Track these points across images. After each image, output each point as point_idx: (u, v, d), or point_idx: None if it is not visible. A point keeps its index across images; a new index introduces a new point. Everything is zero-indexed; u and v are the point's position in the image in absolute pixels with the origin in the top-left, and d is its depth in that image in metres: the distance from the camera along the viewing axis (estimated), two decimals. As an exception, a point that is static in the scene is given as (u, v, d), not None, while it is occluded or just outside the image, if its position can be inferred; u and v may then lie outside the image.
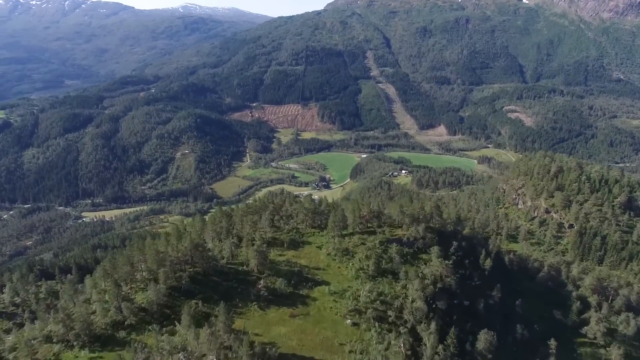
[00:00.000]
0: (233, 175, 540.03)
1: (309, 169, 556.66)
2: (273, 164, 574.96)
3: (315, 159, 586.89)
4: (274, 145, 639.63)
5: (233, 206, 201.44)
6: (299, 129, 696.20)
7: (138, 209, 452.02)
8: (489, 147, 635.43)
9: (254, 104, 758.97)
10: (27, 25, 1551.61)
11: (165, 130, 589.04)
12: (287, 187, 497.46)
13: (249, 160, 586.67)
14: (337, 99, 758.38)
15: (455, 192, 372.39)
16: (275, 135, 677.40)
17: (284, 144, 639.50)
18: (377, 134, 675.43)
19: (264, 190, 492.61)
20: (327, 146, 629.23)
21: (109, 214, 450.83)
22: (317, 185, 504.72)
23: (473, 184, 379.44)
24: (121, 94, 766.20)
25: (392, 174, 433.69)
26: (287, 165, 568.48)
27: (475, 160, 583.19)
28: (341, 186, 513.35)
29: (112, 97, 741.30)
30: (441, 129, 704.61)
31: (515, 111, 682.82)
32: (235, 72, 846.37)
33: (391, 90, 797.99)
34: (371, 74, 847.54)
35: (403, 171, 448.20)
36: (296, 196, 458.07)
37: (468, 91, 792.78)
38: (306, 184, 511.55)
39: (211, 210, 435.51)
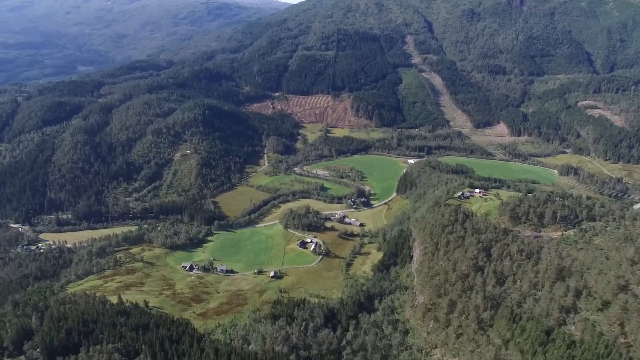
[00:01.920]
0: (245, 184, 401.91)
1: (342, 177, 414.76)
2: (296, 169, 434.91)
3: (349, 164, 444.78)
4: (298, 145, 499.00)
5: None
6: (328, 125, 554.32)
7: (113, 231, 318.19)
8: (566, 152, 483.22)
9: (276, 94, 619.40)
10: (49, 11, 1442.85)
11: (165, 125, 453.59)
12: (314, 204, 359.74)
13: (266, 164, 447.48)
14: (374, 89, 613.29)
15: (571, 232, 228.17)
16: (300, 131, 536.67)
17: (311, 143, 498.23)
18: (424, 133, 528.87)
19: (283, 208, 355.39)
20: (363, 147, 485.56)
21: (75, 237, 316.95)
22: (353, 202, 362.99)
23: (599, 220, 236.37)
24: (125, 80, 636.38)
25: (463, 194, 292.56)
26: (314, 171, 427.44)
27: (556, 171, 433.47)
28: (385, 203, 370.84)
29: (114, 84, 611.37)
30: (501, 128, 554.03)
31: (596, 107, 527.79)
32: (257, 58, 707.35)
33: (437, 81, 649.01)
34: (412, 61, 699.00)
35: (477, 190, 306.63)
36: (326, 218, 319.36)
37: (528, 82, 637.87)
38: (339, 200, 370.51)
39: (209, 239, 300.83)
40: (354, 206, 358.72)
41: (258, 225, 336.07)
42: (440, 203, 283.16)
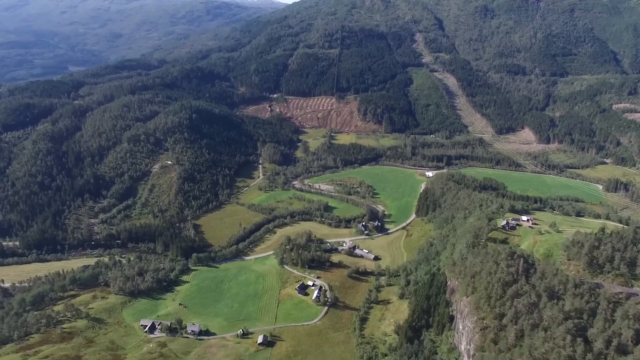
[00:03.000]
0: (234, 202, 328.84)
1: (349, 193, 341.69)
2: (296, 183, 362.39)
3: (358, 176, 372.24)
4: (298, 153, 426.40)
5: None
6: (332, 130, 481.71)
7: (67, 265, 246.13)
8: (606, 163, 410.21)
9: (275, 95, 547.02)
10: (44, 10, 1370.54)
11: (144, 130, 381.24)
12: (317, 228, 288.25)
13: (261, 176, 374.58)
14: (383, 90, 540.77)
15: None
16: (300, 137, 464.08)
17: (313, 151, 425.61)
18: (441, 139, 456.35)
19: (280, 234, 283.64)
20: (373, 156, 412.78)
21: (18, 273, 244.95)
22: (364, 226, 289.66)
23: None
24: (110, 80, 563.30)
25: (507, 224, 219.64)
26: (316, 186, 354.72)
27: (600, 186, 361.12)
28: (404, 228, 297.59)
29: (96, 84, 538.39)
30: (526, 134, 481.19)
31: (635, 111, 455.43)
32: (254, 56, 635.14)
33: (451, 81, 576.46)
34: (423, 60, 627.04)
35: (524, 218, 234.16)
36: (331, 249, 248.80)
37: (550, 84, 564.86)
38: (347, 223, 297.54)
39: (183, 280, 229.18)
40: (366, 232, 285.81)
41: (248, 257, 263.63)
42: (482, 237, 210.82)
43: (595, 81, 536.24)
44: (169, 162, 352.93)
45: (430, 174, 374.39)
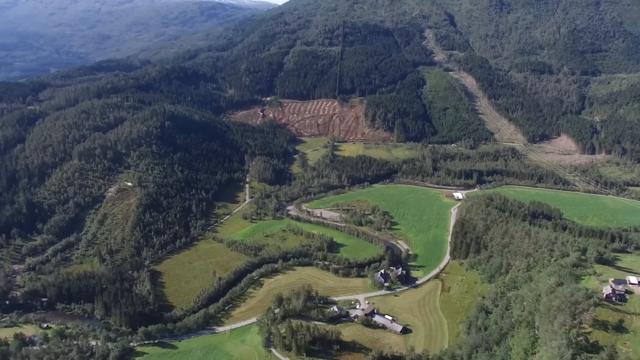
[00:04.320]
0: (211, 238, 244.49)
1: (360, 223, 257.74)
2: (292, 209, 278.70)
3: (369, 199, 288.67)
4: (294, 168, 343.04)
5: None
6: (335, 139, 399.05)
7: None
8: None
9: (268, 98, 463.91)
10: (32, 12, 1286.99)
11: (102, 142, 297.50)
12: (319, 278, 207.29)
13: (247, 200, 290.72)
14: (393, 91, 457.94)
15: None
16: (297, 148, 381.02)
17: (313, 165, 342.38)
18: (465, 149, 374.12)
19: (268, 286, 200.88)
20: (386, 172, 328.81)
21: None
22: (383, 275, 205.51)
23: None
24: (81, 82, 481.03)
25: (614, 293, 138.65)
26: (317, 212, 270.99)
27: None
28: (437, 276, 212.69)
29: (62, 86, 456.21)
30: (564, 142, 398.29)
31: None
32: (246, 55, 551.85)
33: (469, 81, 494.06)
34: (435, 58, 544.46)
35: (633, 280, 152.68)
36: (340, 315, 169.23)
37: (582, 83, 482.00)
38: (360, 268, 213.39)
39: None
40: (386, 284, 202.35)
41: (221, 328, 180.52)
42: (585, 322, 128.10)
43: (637, 80, 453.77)
44: (129, 184, 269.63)
45: (459, 194, 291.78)
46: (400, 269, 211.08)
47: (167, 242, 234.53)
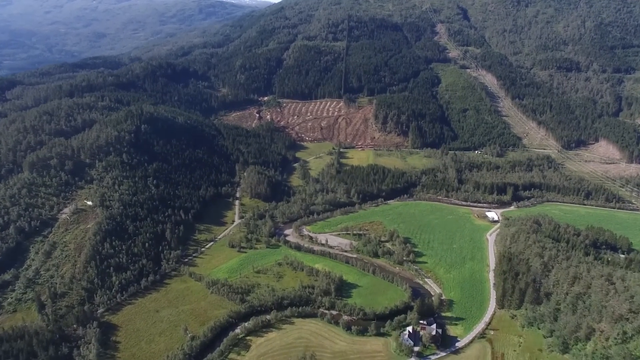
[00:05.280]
0: (186, 274, 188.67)
1: (376, 254, 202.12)
2: (290, 233, 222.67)
3: (385, 220, 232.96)
4: (294, 180, 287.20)
5: None
6: (341, 144, 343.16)
7: None
8: None
9: (265, 98, 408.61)
10: (27, 10, 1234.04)
11: (61, 151, 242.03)
12: (326, 337, 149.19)
13: (236, 221, 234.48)
14: (405, 90, 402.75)
15: None
16: (298, 155, 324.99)
17: (316, 176, 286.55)
18: (491, 157, 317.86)
19: (257, 350, 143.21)
20: (403, 185, 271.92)
21: None
22: (412, 335, 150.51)
23: None
24: (59, 79, 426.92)
25: None
26: (322, 238, 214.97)
27: None
28: (482, 335, 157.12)
29: (37, 84, 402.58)
30: (605, 149, 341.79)
31: None
32: (242, 51, 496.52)
33: (489, 79, 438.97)
34: (449, 54, 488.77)
35: None
36: None
37: (616, 82, 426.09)
38: (378, 321, 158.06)
39: None
40: (416, 348, 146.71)
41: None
42: None
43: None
44: (89, 203, 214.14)
45: (493, 215, 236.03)
46: (434, 325, 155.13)
47: (130, 281, 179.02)
